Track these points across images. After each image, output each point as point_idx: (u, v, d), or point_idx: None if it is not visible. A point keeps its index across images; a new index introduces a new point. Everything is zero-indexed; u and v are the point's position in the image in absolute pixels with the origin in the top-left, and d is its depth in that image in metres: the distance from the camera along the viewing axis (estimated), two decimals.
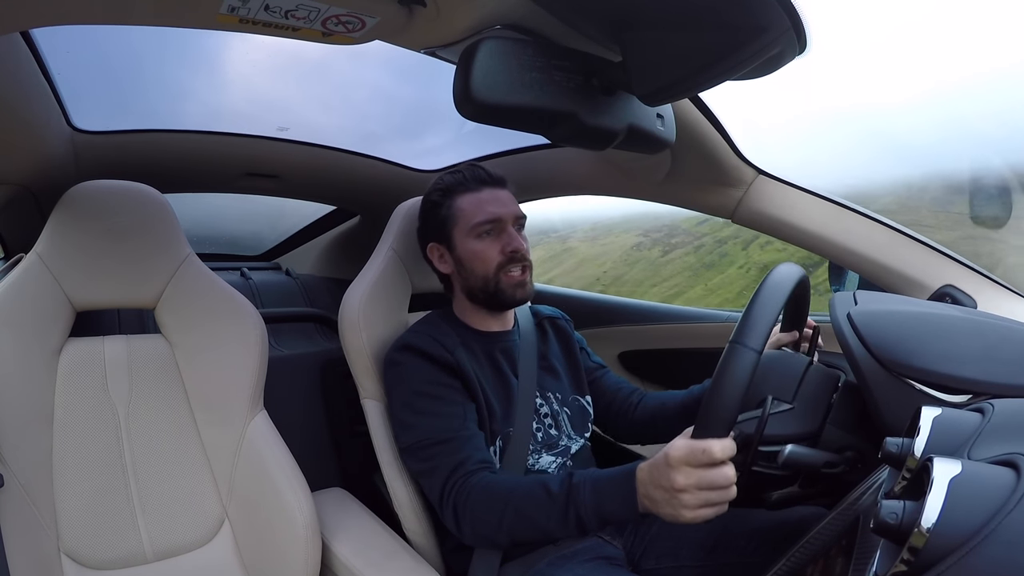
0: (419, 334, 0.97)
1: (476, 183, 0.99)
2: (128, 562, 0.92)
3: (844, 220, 1.03)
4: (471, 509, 0.83)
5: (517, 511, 0.80)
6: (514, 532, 0.81)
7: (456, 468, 0.86)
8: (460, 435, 0.89)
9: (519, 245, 0.96)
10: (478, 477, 0.85)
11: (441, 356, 0.93)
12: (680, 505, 0.65)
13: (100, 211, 0.95)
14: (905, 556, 0.37)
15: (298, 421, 1.36)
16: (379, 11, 0.63)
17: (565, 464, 1.00)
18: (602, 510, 0.75)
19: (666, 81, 0.65)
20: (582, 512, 0.75)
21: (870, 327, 0.66)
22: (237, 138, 1.26)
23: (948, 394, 0.61)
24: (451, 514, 0.85)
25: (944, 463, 0.39)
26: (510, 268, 0.97)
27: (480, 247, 0.97)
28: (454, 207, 0.98)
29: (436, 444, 0.89)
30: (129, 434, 0.96)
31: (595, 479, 0.77)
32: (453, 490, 0.85)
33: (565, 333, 1.14)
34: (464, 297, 1.03)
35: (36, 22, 0.64)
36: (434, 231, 1.01)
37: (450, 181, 1.00)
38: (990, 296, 0.93)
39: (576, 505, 0.76)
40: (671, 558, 0.93)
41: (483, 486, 0.83)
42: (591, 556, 0.91)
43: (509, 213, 0.97)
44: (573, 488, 0.77)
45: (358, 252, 1.50)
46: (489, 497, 0.82)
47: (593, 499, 0.75)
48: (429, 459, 0.89)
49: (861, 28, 7.88)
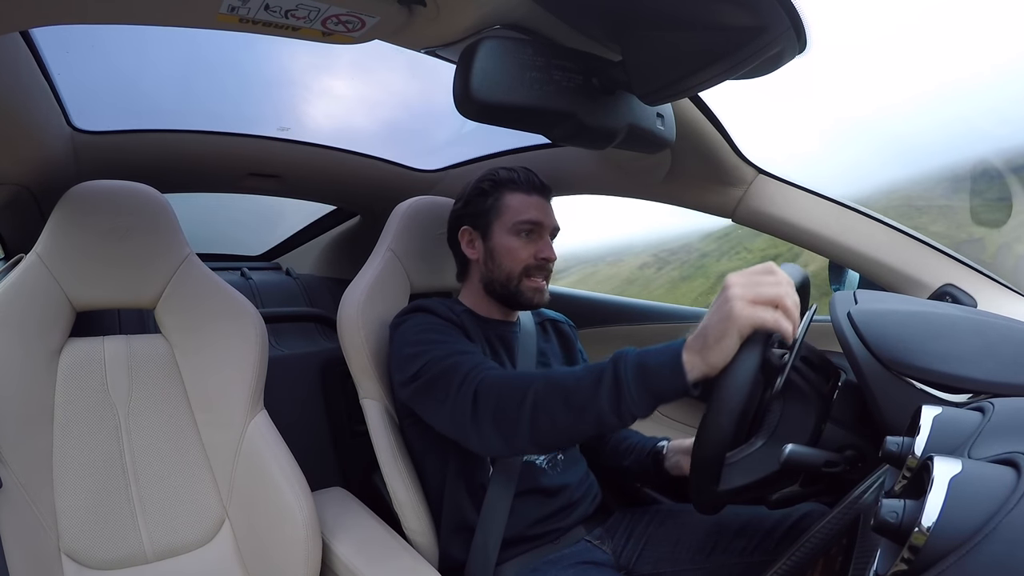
0: (425, 300, 1.00)
1: (528, 187, 1.02)
2: (128, 562, 0.92)
3: (844, 219, 1.03)
4: (495, 391, 0.76)
5: (545, 380, 0.73)
6: (537, 415, 0.71)
7: (476, 367, 0.82)
8: (473, 350, 0.89)
9: (551, 254, 1.01)
10: (501, 370, 0.83)
11: (447, 315, 0.96)
12: (732, 304, 0.61)
13: (100, 211, 0.95)
14: (905, 555, 0.37)
15: (298, 421, 1.36)
16: (379, 11, 0.63)
17: (555, 457, 1.00)
18: (644, 362, 0.66)
19: (666, 81, 0.65)
20: (622, 373, 0.67)
21: (870, 326, 0.66)
22: (238, 138, 1.26)
23: (948, 393, 0.61)
24: (469, 401, 0.78)
25: (944, 462, 0.39)
26: (535, 273, 1.00)
27: (515, 245, 1.00)
28: (502, 200, 1.01)
29: (450, 356, 0.85)
30: (129, 434, 0.96)
31: (638, 351, 0.69)
32: (475, 379, 0.80)
33: (567, 337, 1.15)
34: (480, 286, 1.05)
35: (36, 22, 0.64)
36: (474, 216, 1.03)
37: (504, 176, 1.03)
38: (990, 295, 0.93)
39: (615, 371, 0.68)
40: (669, 562, 0.92)
41: (507, 372, 0.83)
42: (577, 560, 0.91)
43: (550, 222, 1.02)
44: (616, 358, 0.69)
45: (358, 252, 1.51)
46: (516, 377, 0.78)
47: (636, 357, 0.67)
48: (444, 372, 0.83)
49: (856, 27, 7.91)
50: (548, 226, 1.02)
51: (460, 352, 0.86)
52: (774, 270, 0.64)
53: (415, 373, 0.88)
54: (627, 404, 0.66)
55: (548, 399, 0.71)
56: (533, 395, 0.72)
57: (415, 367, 0.88)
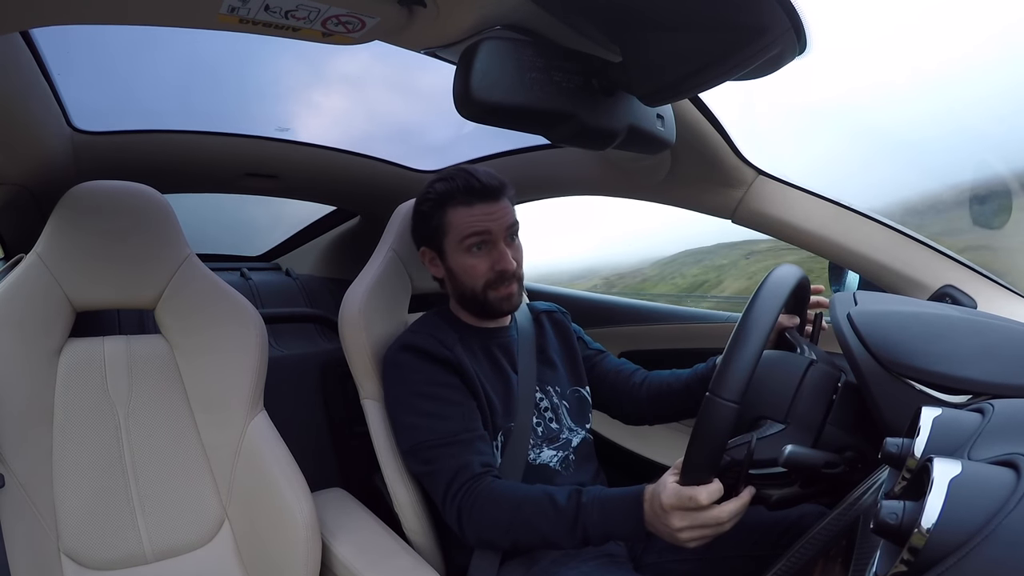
0: (417, 333, 0.97)
1: (468, 195, 0.94)
2: (128, 562, 0.92)
3: (844, 220, 1.03)
4: (476, 515, 0.84)
5: (524, 521, 0.81)
6: (518, 539, 0.82)
7: (459, 471, 0.86)
8: (462, 438, 0.89)
9: (508, 264, 0.94)
10: (484, 483, 0.85)
11: (440, 353, 0.93)
12: (679, 540, 0.71)
13: (100, 211, 0.95)
14: (905, 556, 0.37)
15: (298, 421, 1.36)
16: (379, 11, 0.63)
17: (567, 458, 1.00)
18: (609, 529, 0.77)
19: (666, 81, 0.65)
20: (590, 529, 0.77)
21: (870, 327, 0.66)
22: (237, 138, 1.26)
23: (948, 394, 0.61)
24: (455, 517, 0.86)
25: (944, 463, 0.39)
26: (498, 285, 0.96)
27: (470, 262, 0.96)
28: (445, 219, 0.96)
29: (438, 447, 0.89)
30: (129, 434, 0.96)
31: (603, 499, 0.78)
32: (458, 494, 0.85)
33: (562, 325, 1.14)
34: (456, 299, 1.03)
35: (36, 22, 0.64)
36: (425, 238, 1.01)
37: (442, 190, 0.96)
38: (990, 296, 0.93)
39: (584, 523, 0.77)
40: (672, 552, 0.93)
41: (488, 493, 0.84)
42: (594, 554, 0.91)
43: (500, 227, 0.94)
44: (582, 507, 0.78)
45: (358, 252, 1.50)
46: (495, 505, 0.83)
47: (601, 518, 0.77)
48: (431, 461, 0.89)
49: (850, 20, 7.86)
50: (499, 231, 0.94)
51: (445, 443, 0.89)
52: (703, 503, 0.68)
53: (410, 448, 0.93)
54: (593, 544, 0.79)
55: (525, 535, 0.82)
56: (513, 536, 0.82)
57: (408, 441, 0.93)
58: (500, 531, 0.83)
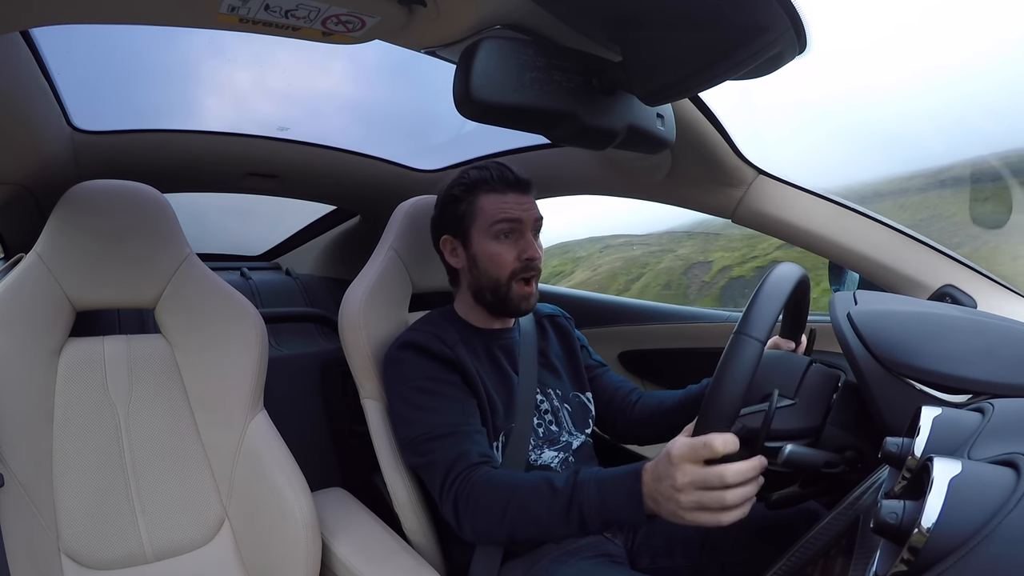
0: (419, 331, 0.97)
1: (502, 184, 0.96)
2: (128, 562, 0.92)
3: (844, 220, 1.03)
4: (472, 503, 0.82)
5: (520, 506, 0.78)
6: (515, 528, 0.79)
7: (456, 461, 0.85)
8: (460, 430, 0.89)
9: (535, 253, 0.96)
10: (480, 472, 0.84)
11: (441, 351, 0.93)
12: (677, 505, 0.65)
13: (100, 211, 0.95)
14: (905, 556, 0.37)
15: (298, 421, 1.36)
16: (379, 11, 0.63)
17: (567, 460, 1.00)
18: (606, 509, 0.73)
19: (666, 81, 0.65)
20: (585, 510, 0.74)
21: (870, 327, 0.66)
22: (237, 138, 1.26)
23: (948, 394, 0.61)
24: (451, 508, 0.84)
25: (944, 463, 0.39)
26: (523, 277, 0.96)
27: (497, 249, 0.96)
28: (476, 204, 0.96)
29: (435, 439, 0.88)
30: (129, 434, 0.96)
31: (600, 477, 0.75)
32: (454, 484, 0.84)
33: (565, 331, 1.14)
34: (469, 294, 1.02)
35: (36, 22, 0.64)
36: (451, 224, 1.00)
37: (475, 177, 0.97)
38: (990, 296, 0.93)
39: (580, 503, 0.74)
40: (666, 557, 0.94)
41: (485, 480, 0.82)
42: (594, 553, 0.91)
43: (529, 218, 0.96)
44: (578, 485, 0.75)
45: (358, 252, 1.51)
46: (491, 491, 0.81)
47: (598, 497, 0.73)
48: (428, 453, 0.88)
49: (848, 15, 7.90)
50: (528, 221, 0.96)
51: (444, 434, 0.88)
52: (717, 449, 0.62)
53: (407, 440, 0.93)
54: (591, 529, 0.76)
55: (522, 523, 0.79)
56: (509, 524, 0.79)
57: (406, 434, 0.93)
58: (495, 520, 0.80)
